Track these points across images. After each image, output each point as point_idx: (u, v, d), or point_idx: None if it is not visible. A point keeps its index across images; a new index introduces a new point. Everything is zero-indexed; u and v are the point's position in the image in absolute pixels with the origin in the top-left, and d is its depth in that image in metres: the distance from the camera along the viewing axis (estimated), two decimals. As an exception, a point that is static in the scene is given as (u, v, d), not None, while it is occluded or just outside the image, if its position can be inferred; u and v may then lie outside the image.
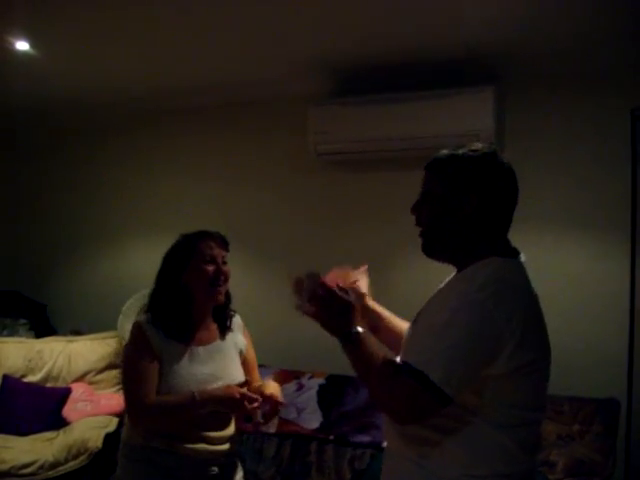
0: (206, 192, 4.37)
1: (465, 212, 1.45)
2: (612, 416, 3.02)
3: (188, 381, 1.99)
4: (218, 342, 2.15)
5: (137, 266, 4.54)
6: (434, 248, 1.52)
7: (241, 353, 2.21)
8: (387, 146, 3.53)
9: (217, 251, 2.10)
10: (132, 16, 2.91)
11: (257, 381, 2.24)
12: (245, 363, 2.22)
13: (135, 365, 2.01)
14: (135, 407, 2.00)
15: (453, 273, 1.56)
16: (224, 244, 2.14)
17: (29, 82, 3.89)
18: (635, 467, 3.20)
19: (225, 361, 2.13)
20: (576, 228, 3.42)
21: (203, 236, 2.12)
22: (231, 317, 2.23)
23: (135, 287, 4.07)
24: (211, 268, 2.07)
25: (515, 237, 1.54)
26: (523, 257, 1.51)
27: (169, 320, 2.05)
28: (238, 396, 1.95)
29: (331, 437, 3.34)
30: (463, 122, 3.32)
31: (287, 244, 4.09)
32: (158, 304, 2.09)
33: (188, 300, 2.08)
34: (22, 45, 3.24)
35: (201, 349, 2.09)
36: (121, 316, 3.90)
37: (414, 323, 1.55)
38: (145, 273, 4.34)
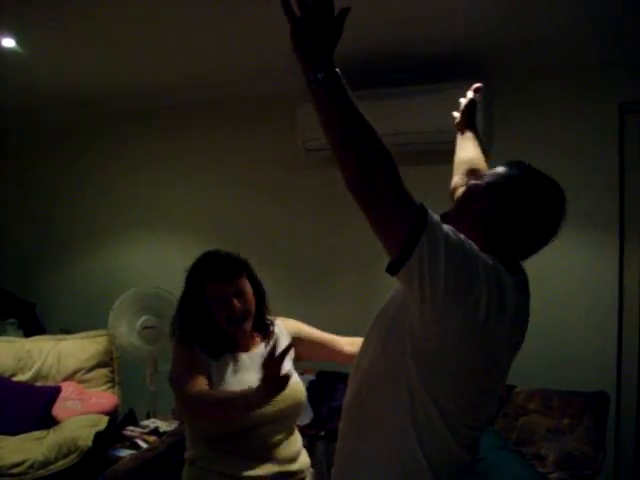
0: (194, 190, 4.36)
1: None
2: (602, 409, 3.02)
3: (237, 388, 1.84)
4: (262, 349, 2.01)
5: (126, 264, 4.54)
6: None
7: (294, 357, 2.07)
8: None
9: (226, 290, 1.93)
10: (119, 14, 2.89)
11: (339, 341, 2.13)
12: (314, 345, 2.11)
13: (185, 370, 1.88)
14: (188, 400, 1.82)
15: None
16: (233, 274, 1.96)
17: (15, 79, 3.86)
18: (624, 460, 3.23)
19: None
20: (564, 222, 3.43)
21: (208, 275, 1.95)
22: (269, 326, 2.09)
23: (124, 285, 4.05)
24: (224, 310, 1.94)
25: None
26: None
27: (204, 339, 1.96)
28: (267, 359, 1.67)
29: (322, 433, 3.34)
30: (453, 117, 3.31)
31: (276, 240, 4.08)
32: (192, 329, 1.98)
33: (216, 327, 1.98)
34: (8, 42, 3.21)
35: (245, 356, 1.99)
36: (111, 314, 3.87)
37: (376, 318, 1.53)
38: (134, 271, 4.43)
